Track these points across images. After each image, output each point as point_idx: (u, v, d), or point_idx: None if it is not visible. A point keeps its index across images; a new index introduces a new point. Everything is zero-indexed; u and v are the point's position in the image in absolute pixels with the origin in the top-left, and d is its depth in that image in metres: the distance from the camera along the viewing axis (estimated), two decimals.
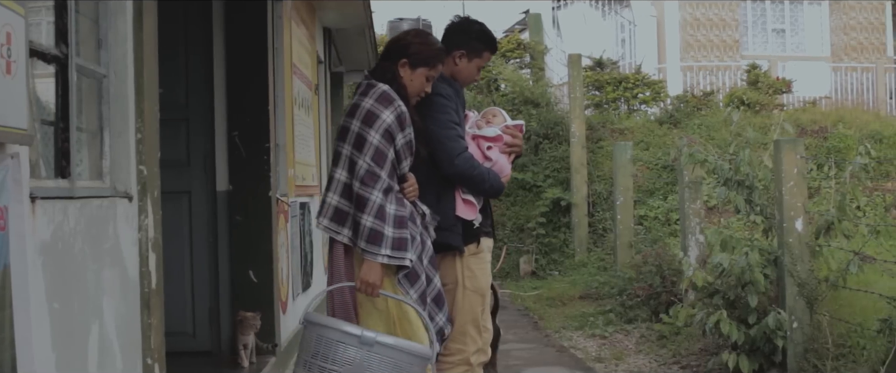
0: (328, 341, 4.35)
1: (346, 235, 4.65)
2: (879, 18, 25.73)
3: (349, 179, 4.64)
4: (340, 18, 10.82)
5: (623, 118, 18.69)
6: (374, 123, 4.60)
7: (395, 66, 4.82)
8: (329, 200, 4.71)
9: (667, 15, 23.78)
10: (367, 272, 4.55)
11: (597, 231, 15.36)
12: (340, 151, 4.70)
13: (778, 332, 7.56)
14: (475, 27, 5.40)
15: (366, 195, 4.53)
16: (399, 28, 23.31)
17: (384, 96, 4.67)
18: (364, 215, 4.52)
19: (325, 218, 4.72)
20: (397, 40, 4.96)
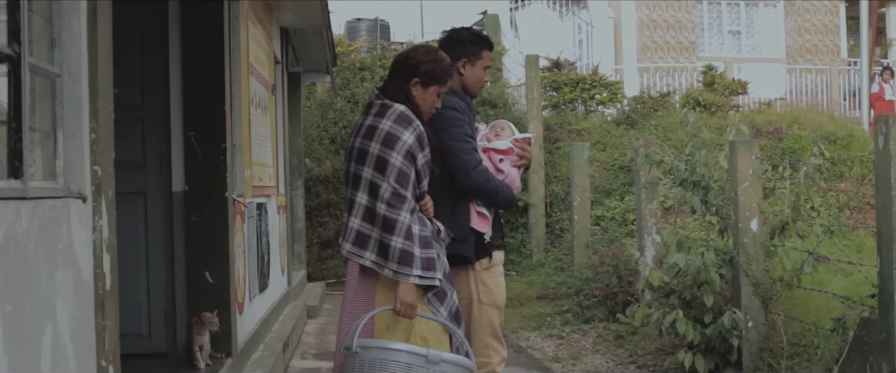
0: (392, 364, 4.35)
1: (370, 259, 4.62)
2: (833, 21, 25.98)
3: (371, 202, 4.61)
4: (298, 18, 10.78)
5: (580, 119, 18.75)
6: (395, 144, 4.59)
7: (406, 86, 4.79)
8: (351, 225, 4.68)
9: (624, 16, 23.89)
10: (406, 294, 4.55)
11: (554, 231, 15.39)
12: (360, 173, 4.66)
13: (733, 331, 7.61)
14: (464, 33, 5.40)
15: (394, 217, 4.53)
16: (357, 28, 23.32)
17: (403, 117, 4.66)
18: (393, 237, 4.52)
19: (348, 243, 4.68)
20: (407, 59, 4.89)
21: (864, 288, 7.47)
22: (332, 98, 17.56)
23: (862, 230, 13.78)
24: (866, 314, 6.96)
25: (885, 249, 6.45)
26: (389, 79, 4.87)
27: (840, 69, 24.78)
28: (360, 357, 4.41)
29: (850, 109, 24.10)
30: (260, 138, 8.94)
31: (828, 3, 25.93)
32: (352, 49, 20.12)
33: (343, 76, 18.26)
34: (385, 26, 24.41)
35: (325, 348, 9.63)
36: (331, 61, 13.62)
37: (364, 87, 17.68)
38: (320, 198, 15.96)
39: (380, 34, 23.32)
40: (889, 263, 6.42)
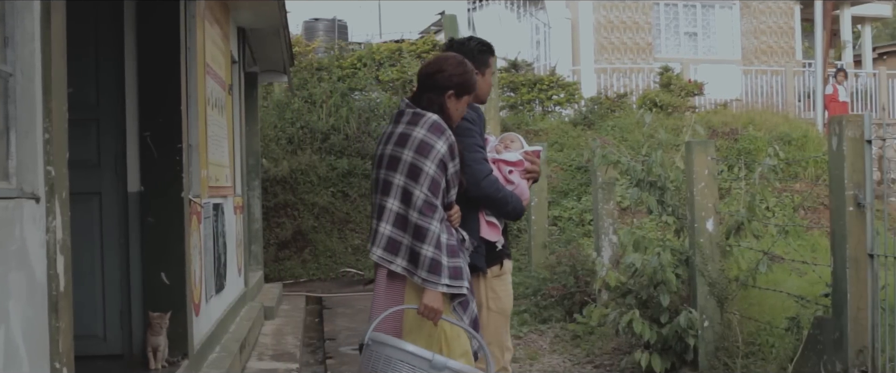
0: (395, 362, 4.40)
1: (400, 265, 4.69)
2: (788, 23, 26.20)
3: (403, 208, 4.68)
4: (255, 18, 10.74)
5: (537, 119, 18.82)
6: (429, 153, 4.65)
7: (442, 98, 4.84)
8: (382, 230, 4.73)
9: (581, 17, 23.97)
10: (432, 300, 4.61)
11: (511, 232, 15.22)
12: (391, 180, 4.72)
13: (689, 331, 7.66)
14: (472, 43, 5.47)
15: (425, 225, 4.60)
16: (315, 28, 23.26)
17: (436, 126, 4.72)
18: (424, 245, 4.60)
19: (379, 248, 4.73)
20: (440, 72, 4.89)
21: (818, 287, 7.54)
22: (290, 98, 17.52)
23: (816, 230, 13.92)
24: (820, 313, 7.03)
25: (839, 249, 6.51)
26: (421, 91, 4.90)
27: (795, 71, 24.99)
28: (373, 351, 4.47)
29: (805, 110, 24.31)
30: (216, 138, 8.90)
31: (783, 5, 26.14)
32: (309, 49, 20.08)
33: (300, 76, 18.22)
34: (343, 26, 24.36)
35: (283, 348, 9.60)
36: (288, 61, 13.58)
37: (321, 88, 17.66)
38: (277, 198, 15.91)
39: (337, 34, 23.27)
40: (842, 262, 6.48)
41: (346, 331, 10.79)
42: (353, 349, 9.79)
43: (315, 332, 11.33)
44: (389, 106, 17.67)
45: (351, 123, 17.00)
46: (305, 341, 10.64)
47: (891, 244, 6.61)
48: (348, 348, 9.82)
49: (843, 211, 6.49)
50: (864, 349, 6.49)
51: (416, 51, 19.93)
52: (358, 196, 16.22)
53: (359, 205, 16.15)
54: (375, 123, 17.12)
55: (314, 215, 15.94)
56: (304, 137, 16.80)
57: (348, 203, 16.18)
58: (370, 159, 16.53)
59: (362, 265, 15.45)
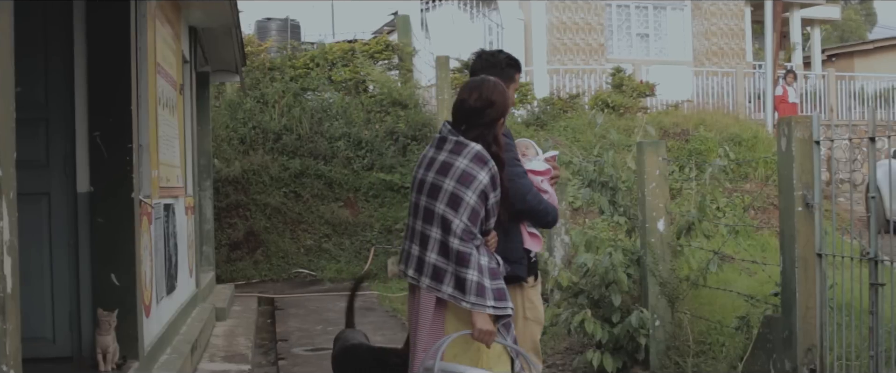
0: None
1: (447, 292, 4.78)
2: (739, 25, 26.43)
3: (444, 237, 4.77)
4: (206, 18, 10.68)
5: None
6: (470, 183, 4.73)
7: (494, 130, 4.91)
8: (427, 259, 4.84)
9: (534, 18, 24.03)
10: (483, 323, 4.70)
11: None
12: (432, 208, 4.81)
13: (641, 330, 7.70)
14: (501, 56, 5.62)
15: (466, 251, 4.69)
16: (267, 28, 23.16)
17: (479, 157, 4.79)
18: (469, 271, 4.69)
19: (426, 277, 4.84)
20: (490, 104, 4.91)
21: (767, 287, 7.61)
22: (242, 98, 17.44)
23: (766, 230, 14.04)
24: (770, 312, 7.09)
25: (788, 249, 6.57)
26: (470, 124, 4.90)
27: (745, 72, 25.21)
28: None
29: (755, 111, 24.52)
30: (167, 138, 8.84)
31: (734, 7, 26.36)
32: (262, 49, 19.99)
33: (253, 76, 18.14)
34: (295, 26, 24.28)
35: (234, 350, 9.56)
36: (240, 61, 13.51)
37: (274, 88, 17.60)
38: (229, 199, 15.83)
39: (290, 34, 23.20)
40: (791, 262, 6.55)
41: (299, 332, 10.76)
42: (305, 350, 9.76)
43: (267, 333, 11.29)
44: (342, 106, 17.63)
45: (303, 124, 16.95)
46: (257, 343, 10.59)
47: (839, 244, 6.68)
48: (300, 349, 9.80)
49: (792, 211, 6.56)
50: (813, 348, 6.56)
51: (369, 51, 19.90)
52: (310, 197, 16.17)
53: (311, 205, 16.10)
54: (328, 124, 17.07)
55: (266, 216, 15.88)
56: (257, 138, 16.73)
57: (301, 203, 16.12)
58: (322, 159, 16.51)
59: (314, 266, 15.41)
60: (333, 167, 16.53)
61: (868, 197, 6.37)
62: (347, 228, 16.01)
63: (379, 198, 16.33)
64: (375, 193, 16.37)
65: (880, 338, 6.17)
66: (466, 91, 4.99)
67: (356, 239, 15.89)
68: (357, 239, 15.88)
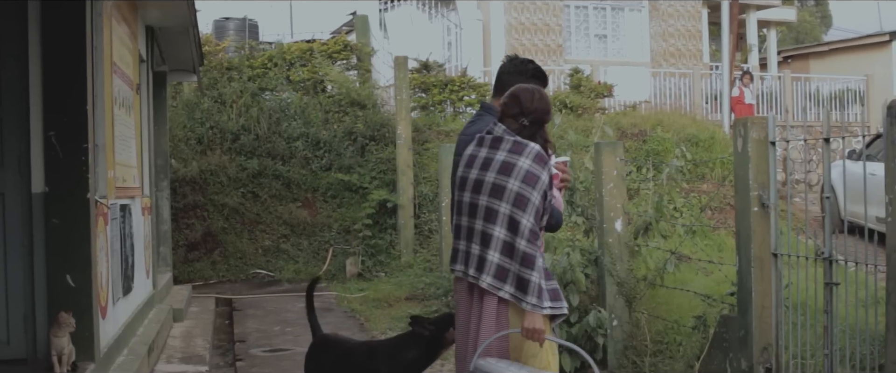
0: None
1: (509, 292, 4.85)
2: (696, 26, 26.60)
3: (510, 236, 4.83)
4: (163, 17, 10.61)
5: (449, 120, 18.84)
6: (535, 183, 4.84)
7: (545, 131, 5.09)
8: (490, 258, 4.89)
9: (492, 19, 24.07)
10: (533, 322, 4.78)
11: (423, 233, 15.44)
12: (495, 208, 4.88)
13: (599, 330, 7.74)
14: (530, 66, 5.63)
15: (532, 253, 4.77)
16: (225, 28, 23.06)
17: (540, 157, 4.91)
18: (532, 272, 4.77)
19: (489, 276, 4.89)
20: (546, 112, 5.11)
21: (724, 286, 7.67)
22: (199, 98, 17.34)
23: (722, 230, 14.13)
24: (726, 312, 7.15)
25: (744, 249, 6.63)
26: (521, 121, 5.03)
27: (702, 73, 25.37)
28: None
29: (712, 112, 24.67)
30: (124, 138, 8.79)
31: (691, 8, 26.52)
32: (219, 48, 19.89)
33: (210, 76, 18.05)
34: (253, 26, 24.19)
35: (192, 351, 9.51)
36: (198, 61, 13.45)
37: (231, 88, 17.51)
38: (187, 199, 15.74)
39: (248, 34, 23.10)
40: (747, 261, 6.60)
41: (257, 333, 10.73)
42: (263, 351, 9.73)
43: (225, 334, 11.24)
44: (300, 106, 17.57)
45: (261, 124, 16.88)
46: (215, 344, 10.54)
47: (794, 244, 6.74)
48: (258, 350, 9.76)
49: (748, 211, 6.61)
50: (769, 347, 6.61)
51: (328, 51, 19.85)
52: (268, 197, 16.11)
53: (269, 206, 16.04)
54: (286, 124, 17.01)
55: (224, 216, 15.80)
56: (214, 138, 16.65)
57: (259, 204, 16.06)
58: (280, 159, 16.45)
59: (272, 266, 15.36)
60: (291, 167, 16.48)
61: (823, 197, 6.43)
62: (306, 228, 15.97)
63: (337, 198, 16.30)
64: (334, 194, 16.33)
65: (835, 337, 6.23)
66: (533, 94, 5.12)
67: (314, 239, 15.85)
68: (315, 239, 15.85)
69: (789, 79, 27.03)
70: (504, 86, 5.48)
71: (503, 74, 5.64)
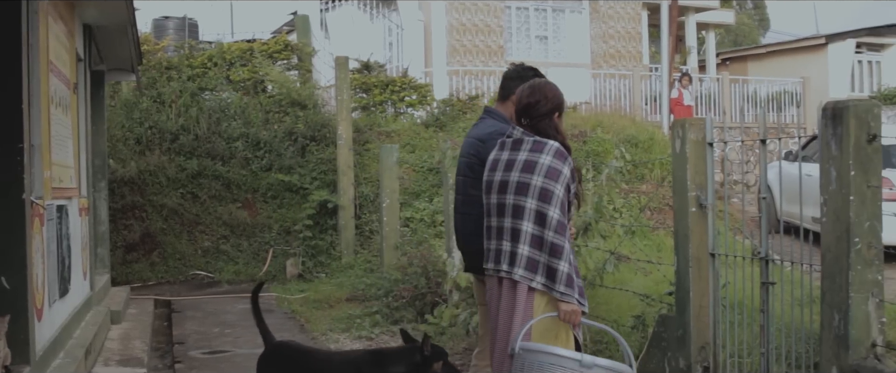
0: (548, 366, 4.88)
1: (540, 282, 5.12)
2: (636, 28, 26.81)
3: (538, 229, 5.09)
4: (101, 15, 10.51)
5: (390, 121, 18.84)
6: (557, 177, 5.10)
7: (552, 120, 5.32)
8: (520, 251, 5.15)
9: (434, 20, 24.09)
10: (569, 306, 5.07)
11: (364, 233, 15.43)
12: (522, 204, 5.13)
13: None
14: (530, 73, 5.88)
15: (560, 244, 5.04)
16: (164, 27, 22.88)
17: (560, 153, 5.18)
18: (560, 262, 5.04)
19: (520, 268, 5.14)
20: (545, 100, 5.33)
21: (662, 286, 7.73)
22: (138, 98, 17.20)
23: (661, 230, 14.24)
24: (664, 311, 7.20)
25: (682, 249, 6.68)
26: (534, 119, 5.31)
27: (642, 75, 25.56)
28: (524, 358, 4.96)
29: (652, 113, 24.86)
30: (60, 138, 8.69)
31: (631, 11, 26.72)
32: (158, 48, 19.74)
33: (149, 75, 17.90)
34: (193, 25, 24.02)
35: (130, 353, 9.43)
36: (136, 60, 13.32)
37: (171, 87, 17.39)
38: (125, 200, 15.60)
39: (188, 33, 22.94)
40: (685, 261, 6.66)
41: (196, 334, 10.66)
42: (202, 353, 9.67)
43: (164, 336, 11.16)
44: (240, 106, 17.48)
45: (201, 124, 16.77)
46: (154, 346, 10.47)
47: (731, 244, 6.80)
48: (198, 352, 9.70)
49: (686, 212, 6.67)
50: (707, 346, 6.68)
51: (268, 51, 19.76)
52: (208, 197, 16.01)
53: (209, 206, 15.95)
54: (226, 124, 16.92)
55: (163, 217, 15.69)
56: (153, 138, 16.51)
57: (198, 205, 15.96)
58: (219, 159, 16.35)
59: (212, 268, 15.27)
60: (231, 168, 16.39)
61: (760, 198, 6.51)
62: (245, 229, 15.90)
63: (277, 199, 16.23)
64: (274, 194, 16.27)
65: (771, 336, 6.30)
66: (522, 90, 5.42)
67: (254, 240, 15.78)
68: (255, 240, 15.78)
69: (727, 81, 27.33)
70: (506, 90, 5.90)
71: (506, 80, 5.98)
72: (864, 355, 5.51)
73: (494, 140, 5.52)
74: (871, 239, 5.50)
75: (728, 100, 26.80)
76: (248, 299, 6.74)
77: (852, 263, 5.48)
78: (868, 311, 5.52)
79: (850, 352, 5.50)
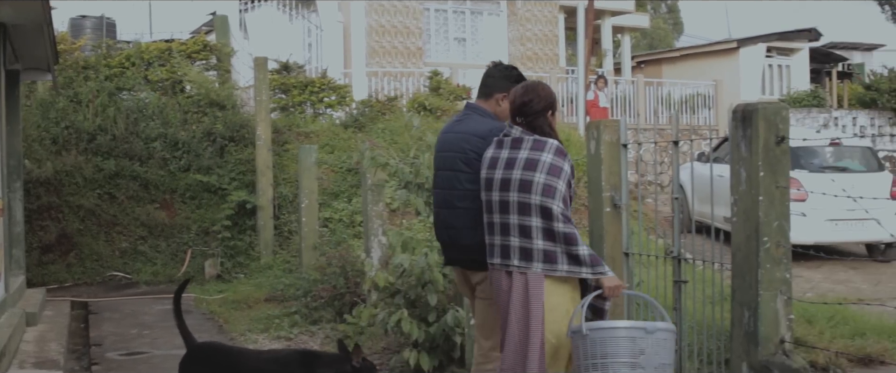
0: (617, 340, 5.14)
1: (564, 270, 5.35)
2: (553, 31, 27.03)
3: (546, 223, 5.33)
4: (16, 14, 10.39)
5: (309, 122, 18.83)
6: (559, 174, 5.36)
7: (546, 118, 5.56)
8: (535, 247, 5.37)
9: (353, 21, 24.09)
10: (609, 281, 5.36)
11: (283, 234, 15.42)
12: (527, 201, 5.35)
13: (456, 329, 7.84)
14: (513, 72, 6.10)
15: (571, 232, 5.31)
16: (81, 26, 22.63)
17: (560, 150, 5.46)
18: (579, 247, 5.32)
19: (538, 262, 5.36)
20: (539, 99, 5.55)
21: None
22: (54, 97, 17.00)
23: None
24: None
25: (597, 248, 6.80)
26: (529, 118, 5.54)
27: (559, 77, 25.75)
28: (590, 338, 5.18)
29: (568, 114, 25.07)
30: None
31: (548, 14, 26.94)
32: (75, 47, 19.51)
33: (66, 75, 17.70)
34: (111, 24, 23.78)
35: (46, 355, 9.35)
36: (53, 59, 13.19)
37: (88, 87, 17.21)
38: (41, 200, 15.42)
39: (105, 32, 22.69)
40: None
41: (113, 336, 10.59)
42: (120, 355, 9.63)
43: (81, 338, 11.06)
44: (158, 106, 17.35)
45: (119, 124, 16.63)
46: (70, 348, 10.37)
47: (645, 243, 6.95)
48: (115, 354, 9.66)
49: (601, 211, 6.80)
50: None
51: (187, 51, 19.62)
52: (126, 198, 15.88)
53: (126, 207, 15.82)
54: (144, 124, 16.79)
55: (80, 218, 15.53)
56: (70, 138, 16.34)
57: (116, 205, 15.82)
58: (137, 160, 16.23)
59: (130, 269, 15.15)
60: (149, 168, 16.27)
61: (672, 198, 6.66)
62: (164, 230, 15.80)
63: (196, 199, 16.15)
64: (192, 195, 16.19)
65: (684, 332, 6.45)
66: (516, 90, 5.65)
67: (173, 241, 15.69)
68: (173, 241, 15.69)
69: (642, 83, 27.69)
70: (488, 88, 6.06)
71: (487, 78, 6.12)
72: (774, 351, 5.67)
73: (493, 137, 5.72)
74: (779, 238, 5.67)
75: (642, 102, 27.14)
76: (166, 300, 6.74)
77: (761, 261, 5.64)
78: (777, 308, 5.68)
79: (759, 348, 5.66)
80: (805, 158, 15.18)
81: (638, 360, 5.11)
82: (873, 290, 12.86)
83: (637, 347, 5.12)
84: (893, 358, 7.88)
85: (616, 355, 5.12)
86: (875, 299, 10.63)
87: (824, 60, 34.61)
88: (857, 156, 16.00)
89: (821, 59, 34.32)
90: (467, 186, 5.82)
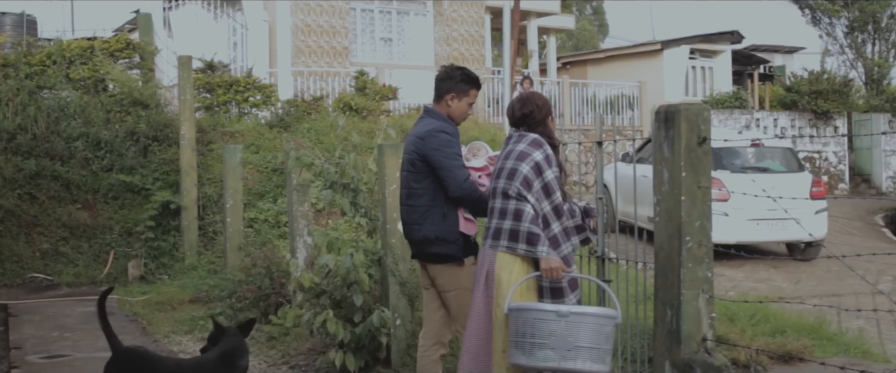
0: (534, 321, 5.39)
1: (504, 245, 5.75)
2: (479, 31, 27.13)
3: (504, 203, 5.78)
4: None
5: (234, 121, 18.71)
6: (524, 159, 5.75)
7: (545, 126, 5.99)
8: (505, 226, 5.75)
9: (279, 20, 23.99)
10: (546, 263, 5.63)
11: (207, 234, 15.30)
12: (500, 186, 5.83)
13: (382, 329, 7.84)
14: (457, 72, 6.50)
15: (520, 208, 5.68)
16: (1, 23, 22.29)
17: (535, 141, 5.85)
18: (521, 224, 5.66)
19: (505, 240, 5.75)
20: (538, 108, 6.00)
21: None
22: None
23: None
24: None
25: None
26: (530, 127, 5.97)
27: (485, 78, 25.87)
28: (512, 317, 5.54)
29: (494, 115, 25.22)
30: None
31: (474, 14, 27.04)
32: None
33: None
34: (32, 22, 23.44)
35: None
36: None
37: (7, 85, 16.93)
38: None
39: (26, 30, 22.36)
40: None
41: (34, 339, 10.44)
42: (41, 358, 9.50)
43: (0, 341, 10.90)
44: (80, 105, 17.13)
45: (39, 123, 16.38)
46: None
47: None
48: (36, 357, 9.52)
49: None
50: None
51: (110, 49, 19.38)
52: (46, 198, 15.66)
53: (47, 207, 15.60)
54: (65, 123, 16.56)
55: None
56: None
57: (36, 206, 15.59)
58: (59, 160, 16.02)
59: (51, 270, 14.95)
60: (71, 168, 16.06)
61: (597, 198, 6.71)
62: (86, 230, 15.60)
63: (119, 200, 15.98)
64: (115, 195, 16.01)
65: None
66: (514, 104, 6.09)
67: (95, 242, 15.50)
68: (96, 242, 15.50)
69: (567, 84, 27.91)
70: (438, 92, 6.46)
71: (437, 82, 6.51)
72: (696, 349, 5.74)
73: (434, 137, 6.17)
74: (701, 238, 5.75)
75: (568, 103, 27.36)
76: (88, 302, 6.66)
77: (684, 260, 5.71)
78: (699, 307, 5.76)
79: (682, 346, 5.73)
80: (727, 158, 15.39)
81: (548, 341, 5.33)
82: (794, 288, 13.09)
83: (547, 328, 5.33)
84: (813, 355, 8.01)
85: (531, 334, 5.38)
86: (795, 298, 10.80)
87: (746, 63, 35.13)
88: (777, 157, 16.25)
89: (743, 61, 34.83)
90: (413, 185, 6.30)
